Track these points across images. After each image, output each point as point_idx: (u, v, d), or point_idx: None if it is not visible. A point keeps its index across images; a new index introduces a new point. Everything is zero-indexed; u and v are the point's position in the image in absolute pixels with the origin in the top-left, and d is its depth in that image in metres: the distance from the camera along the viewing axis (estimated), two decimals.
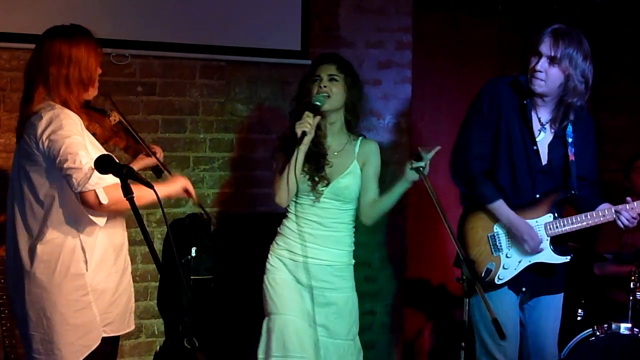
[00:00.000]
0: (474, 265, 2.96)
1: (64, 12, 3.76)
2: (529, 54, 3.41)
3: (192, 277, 4.07)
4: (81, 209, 2.84)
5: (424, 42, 4.93)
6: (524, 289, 3.49)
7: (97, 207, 2.81)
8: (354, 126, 3.45)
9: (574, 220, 3.43)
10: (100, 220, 2.90)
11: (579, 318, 4.43)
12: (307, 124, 3.20)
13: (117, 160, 2.54)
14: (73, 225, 2.87)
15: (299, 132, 3.19)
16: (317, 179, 3.34)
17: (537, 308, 3.56)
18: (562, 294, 3.60)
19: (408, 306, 4.94)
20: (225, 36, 4.30)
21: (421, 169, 3.21)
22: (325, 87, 3.32)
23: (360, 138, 3.48)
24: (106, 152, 2.69)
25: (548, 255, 3.45)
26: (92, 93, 2.98)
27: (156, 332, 4.26)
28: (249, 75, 4.41)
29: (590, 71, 3.39)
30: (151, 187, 2.54)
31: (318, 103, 3.27)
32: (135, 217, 2.41)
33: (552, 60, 3.33)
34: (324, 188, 3.35)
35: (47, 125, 2.79)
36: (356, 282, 4.70)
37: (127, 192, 2.45)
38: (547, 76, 3.35)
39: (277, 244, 3.42)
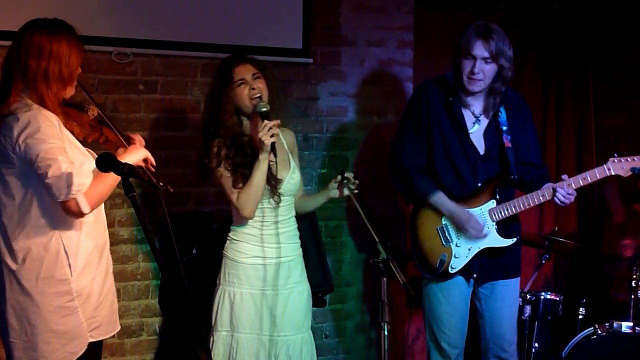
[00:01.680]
0: (390, 246, 3.07)
1: (63, 10, 3.73)
2: (459, 56, 3.50)
3: (193, 275, 4.02)
4: (61, 212, 2.77)
5: (425, 41, 4.92)
6: (475, 275, 3.61)
7: (79, 215, 2.76)
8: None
9: (516, 203, 3.54)
10: (88, 218, 2.85)
11: (580, 317, 4.43)
12: (273, 131, 3.19)
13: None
14: (54, 228, 2.79)
15: (268, 141, 3.18)
16: (273, 181, 3.35)
17: (492, 296, 3.67)
18: (518, 278, 3.71)
19: (408, 305, 4.92)
20: (227, 34, 4.29)
21: (351, 186, 3.35)
22: (254, 89, 3.32)
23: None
24: (106, 151, 2.67)
25: (495, 239, 3.57)
26: (70, 91, 2.88)
27: (157, 331, 4.26)
28: None
29: (512, 57, 3.51)
30: (153, 186, 2.53)
31: (265, 109, 3.27)
32: (137, 215, 2.39)
33: (487, 60, 3.44)
34: (280, 188, 3.37)
35: (24, 128, 2.70)
36: (355, 281, 4.72)
37: (129, 191, 2.44)
38: (484, 75, 3.47)
39: (240, 252, 3.38)
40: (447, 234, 3.62)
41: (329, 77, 4.56)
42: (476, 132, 3.59)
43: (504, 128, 3.57)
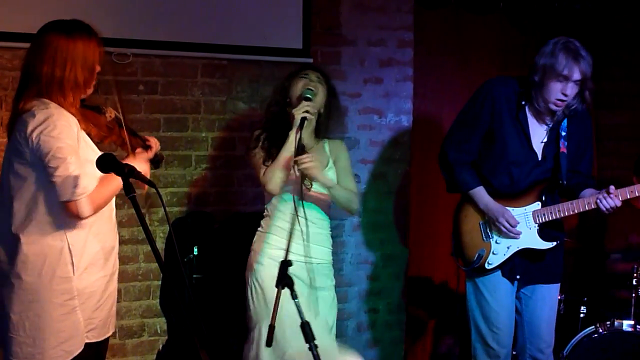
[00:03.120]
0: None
1: (65, 10, 3.73)
2: (548, 77, 3.40)
3: (194, 276, 4.05)
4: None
5: (425, 40, 4.92)
6: (518, 277, 3.60)
7: (77, 218, 2.76)
8: (322, 132, 3.55)
9: (561, 208, 3.54)
10: (96, 219, 2.85)
11: (581, 315, 4.43)
12: (308, 108, 3.31)
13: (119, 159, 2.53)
14: (60, 225, 2.78)
15: (299, 117, 3.29)
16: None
17: (533, 297, 3.66)
18: (559, 284, 3.72)
19: (411, 304, 4.93)
20: (227, 35, 4.28)
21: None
22: (313, 82, 3.45)
23: (326, 139, 3.59)
24: (106, 152, 2.67)
25: (535, 241, 3.57)
26: (88, 92, 2.88)
27: (159, 331, 4.25)
28: (251, 74, 4.40)
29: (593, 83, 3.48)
30: (154, 186, 2.52)
31: (309, 95, 3.39)
32: (137, 216, 2.39)
33: (577, 82, 3.40)
34: (310, 182, 3.42)
35: (39, 124, 2.70)
36: (359, 281, 4.72)
37: (129, 192, 2.43)
38: (570, 97, 3.43)
39: (265, 243, 3.43)
40: (488, 230, 3.62)
41: (330, 76, 4.55)
42: (539, 137, 3.58)
43: (563, 133, 3.56)
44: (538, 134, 3.57)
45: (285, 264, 2.72)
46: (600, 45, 5.31)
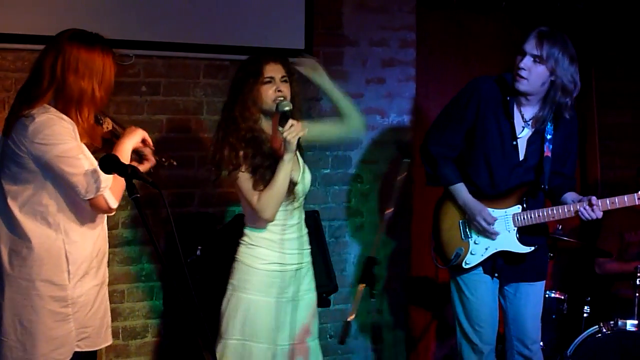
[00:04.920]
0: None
1: (67, 12, 3.75)
2: (516, 55, 3.51)
3: (197, 277, 4.03)
4: (67, 216, 2.76)
5: (427, 40, 4.92)
6: (496, 275, 3.63)
7: (108, 211, 2.77)
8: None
9: (541, 214, 3.55)
10: (92, 229, 2.84)
11: (585, 315, 4.43)
12: (298, 128, 3.10)
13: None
14: (58, 232, 2.76)
15: (295, 139, 3.08)
16: (290, 183, 3.23)
17: (517, 295, 3.68)
18: (543, 282, 3.73)
19: (413, 304, 4.92)
20: (229, 35, 4.28)
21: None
22: (280, 91, 3.22)
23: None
24: (109, 153, 2.67)
25: (513, 245, 3.59)
26: (101, 108, 2.86)
27: (162, 332, 4.25)
28: None
29: (577, 73, 3.49)
30: (156, 187, 2.52)
31: (288, 108, 3.17)
32: (140, 216, 2.39)
33: (536, 59, 3.42)
34: (296, 190, 3.29)
35: (40, 129, 2.67)
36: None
37: (132, 192, 2.44)
38: (530, 74, 3.44)
39: (257, 258, 3.26)
40: (467, 229, 3.63)
41: (332, 77, 4.48)
42: (523, 137, 3.59)
43: (548, 137, 3.57)
44: (522, 132, 3.58)
45: (372, 262, 2.68)
46: (602, 45, 5.31)
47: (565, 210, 3.52)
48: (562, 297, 4.43)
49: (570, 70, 3.46)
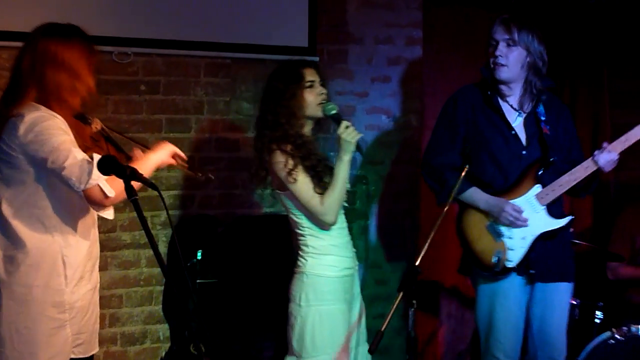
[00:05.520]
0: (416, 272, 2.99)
1: (64, 9, 3.74)
2: (487, 48, 3.63)
3: (198, 281, 4.05)
4: (63, 218, 2.75)
5: (435, 38, 4.90)
6: (532, 271, 3.58)
7: (104, 202, 2.72)
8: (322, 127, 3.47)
9: (562, 182, 3.55)
10: (109, 214, 2.82)
11: (597, 321, 4.40)
12: (355, 131, 3.20)
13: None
14: (54, 235, 2.76)
15: (354, 139, 3.17)
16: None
17: (543, 302, 3.65)
18: (571, 285, 3.71)
19: (420, 309, 4.90)
20: (231, 33, 4.28)
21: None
22: (323, 93, 3.32)
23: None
24: (108, 154, 2.66)
25: (548, 222, 3.58)
26: (84, 101, 2.84)
27: (161, 338, 4.24)
28: (255, 73, 4.38)
29: (545, 53, 3.62)
30: (156, 189, 2.50)
31: (337, 111, 3.28)
32: (139, 219, 2.37)
33: (510, 43, 3.54)
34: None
35: (32, 127, 2.67)
36: (367, 285, 4.71)
37: (131, 194, 2.42)
38: (508, 60, 3.55)
39: (330, 266, 3.24)
40: (497, 230, 3.61)
41: (336, 75, 4.55)
42: (519, 125, 3.63)
43: (543, 118, 3.62)
44: (516, 121, 3.63)
45: (414, 271, 2.67)
46: (615, 43, 5.29)
47: (584, 166, 3.52)
48: (574, 303, 4.41)
49: (540, 49, 3.59)
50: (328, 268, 3.25)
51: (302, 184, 3.18)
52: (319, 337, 3.20)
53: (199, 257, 4.05)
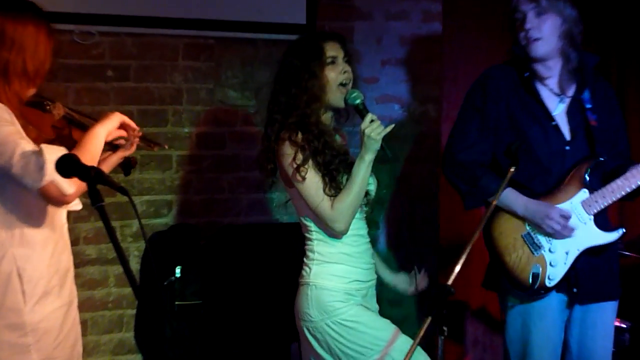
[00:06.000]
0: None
1: None
2: (514, 23, 3.59)
3: (176, 303, 4.06)
4: (16, 224, 2.74)
5: (456, 12, 4.90)
6: (575, 290, 3.56)
7: (63, 199, 2.70)
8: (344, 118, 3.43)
9: (614, 188, 3.52)
10: (76, 205, 2.82)
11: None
12: (380, 126, 3.12)
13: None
14: (6, 245, 2.75)
15: (379, 136, 3.09)
16: None
17: (584, 324, 3.64)
18: (616, 303, 3.70)
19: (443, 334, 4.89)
20: (214, 8, 4.29)
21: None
22: (346, 72, 3.27)
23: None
24: (69, 152, 2.62)
25: (596, 236, 3.54)
26: (32, 91, 2.83)
27: None
28: (244, 56, 4.40)
29: (580, 20, 3.58)
30: (126, 193, 2.46)
31: (361, 100, 3.23)
32: (106, 230, 2.34)
33: (539, 12, 3.50)
34: (370, 194, 3.31)
35: None
36: (379, 307, 4.67)
37: (97, 200, 2.38)
38: (542, 31, 3.50)
39: (336, 276, 3.23)
40: (535, 240, 3.57)
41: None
42: (560, 113, 3.59)
43: (588, 106, 3.58)
44: (557, 109, 3.60)
45: (444, 291, 2.63)
46: None
47: (638, 173, 3.49)
48: (624, 326, 4.41)
49: (574, 14, 3.55)
50: (334, 278, 3.22)
51: (311, 183, 3.15)
52: (355, 342, 3.18)
53: (177, 275, 4.05)
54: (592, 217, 3.53)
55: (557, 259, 3.53)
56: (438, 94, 4.79)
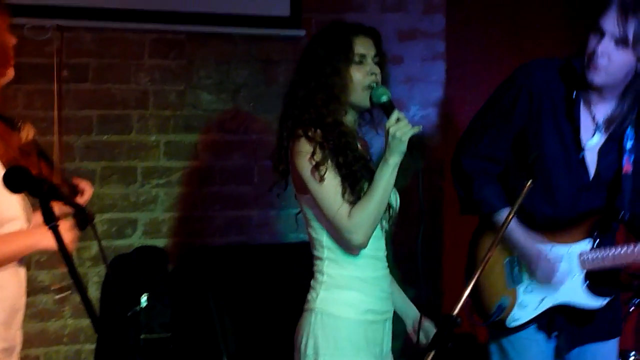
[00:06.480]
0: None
1: None
2: (588, 32, 3.45)
3: (142, 337, 4.06)
4: None
5: (461, 4, 4.94)
6: (556, 333, 3.57)
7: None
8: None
9: (618, 253, 3.48)
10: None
11: None
12: (408, 125, 3.08)
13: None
14: None
15: (406, 137, 3.06)
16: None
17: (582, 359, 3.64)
18: (617, 338, 3.67)
19: None
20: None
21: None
22: (374, 74, 3.21)
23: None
24: (19, 165, 2.65)
25: (579, 295, 3.53)
26: (9, 74, 2.88)
27: None
28: (219, 53, 4.42)
29: None
30: (84, 212, 2.48)
31: (388, 99, 3.17)
32: (61, 253, 2.37)
33: (619, 43, 3.38)
34: (392, 208, 3.29)
35: None
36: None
37: (50, 219, 2.40)
38: (610, 62, 3.39)
39: (347, 305, 3.17)
40: (516, 271, 3.59)
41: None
42: (592, 147, 3.56)
43: (628, 145, 3.53)
44: (592, 140, 3.55)
45: (449, 322, 2.64)
46: None
47: None
48: (633, 358, 4.45)
49: None
50: (344, 307, 3.17)
51: (329, 185, 3.10)
52: None
53: (143, 305, 4.06)
54: (583, 273, 3.53)
55: (529, 301, 3.55)
56: (441, 96, 4.83)
